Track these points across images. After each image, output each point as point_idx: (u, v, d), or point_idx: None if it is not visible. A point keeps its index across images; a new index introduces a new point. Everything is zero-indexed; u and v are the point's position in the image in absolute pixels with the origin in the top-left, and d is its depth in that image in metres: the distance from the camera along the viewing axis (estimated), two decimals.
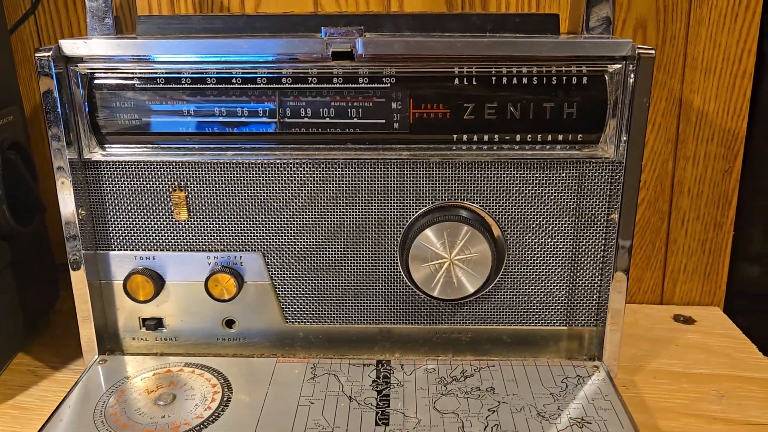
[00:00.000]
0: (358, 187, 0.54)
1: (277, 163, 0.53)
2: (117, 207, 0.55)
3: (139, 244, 0.56)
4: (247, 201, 0.54)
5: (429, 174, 0.53)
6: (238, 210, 0.55)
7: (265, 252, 0.56)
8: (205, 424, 0.48)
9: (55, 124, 0.52)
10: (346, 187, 0.54)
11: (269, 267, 0.56)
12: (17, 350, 0.64)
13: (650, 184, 0.71)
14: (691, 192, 0.71)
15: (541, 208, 0.54)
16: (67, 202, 0.53)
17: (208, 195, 0.54)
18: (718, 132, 0.69)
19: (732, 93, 0.68)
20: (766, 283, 0.74)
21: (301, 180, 0.54)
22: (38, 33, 0.72)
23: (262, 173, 0.54)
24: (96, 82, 0.52)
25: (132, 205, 0.55)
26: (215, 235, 0.55)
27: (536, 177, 0.53)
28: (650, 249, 0.74)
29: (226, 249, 0.56)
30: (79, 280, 0.55)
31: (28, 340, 0.65)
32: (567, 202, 0.54)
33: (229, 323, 0.58)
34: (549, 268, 0.56)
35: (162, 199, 0.55)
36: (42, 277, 0.68)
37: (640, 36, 0.67)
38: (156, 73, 0.51)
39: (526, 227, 0.55)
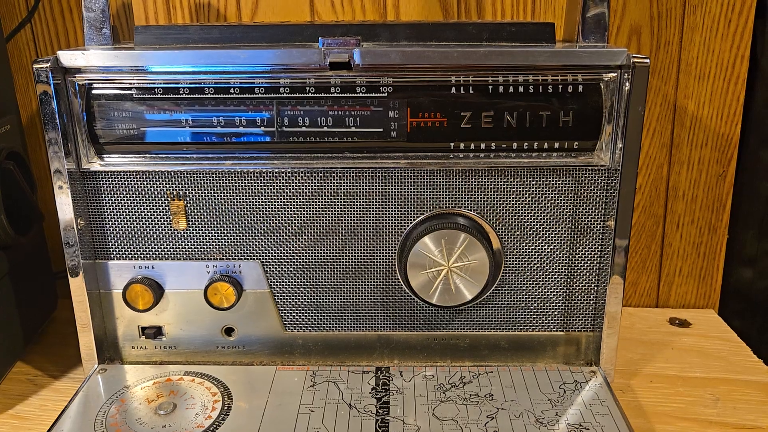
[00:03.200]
0: (356, 195, 0.54)
1: (276, 172, 0.54)
2: (116, 216, 0.55)
3: (138, 253, 0.56)
4: (245, 210, 0.55)
5: (426, 182, 0.54)
6: (236, 219, 0.55)
7: (264, 260, 0.56)
8: None
9: (54, 135, 0.52)
10: (344, 195, 0.54)
11: (268, 275, 0.56)
12: (16, 359, 0.64)
13: (645, 188, 0.72)
14: (685, 196, 0.72)
15: (537, 215, 0.54)
16: (65, 210, 0.53)
17: (207, 204, 0.55)
18: (712, 137, 0.70)
19: (726, 98, 0.69)
20: (759, 285, 0.75)
21: (299, 188, 0.54)
22: (35, 41, 0.72)
23: (261, 182, 0.54)
24: (94, 92, 0.52)
25: (131, 214, 0.55)
26: (214, 243, 0.56)
27: (533, 184, 0.54)
28: (646, 252, 0.74)
29: (224, 258, 0.56)
30: (77, 287, 0.55)
31: (26, 348, 0.65)
32: (563, 208, 0.54)
33: (229, 331, 0.58)
34: (546, 275, 0.56)
35: (161, 208, 0.55)
36: (40, 285, 0.68)
37: (634, 42, 0.68)
38: (154, 83, 0.51)
39: (523, 234, 0.55)
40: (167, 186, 0.54)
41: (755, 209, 0.73)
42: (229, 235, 0.55)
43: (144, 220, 0.55)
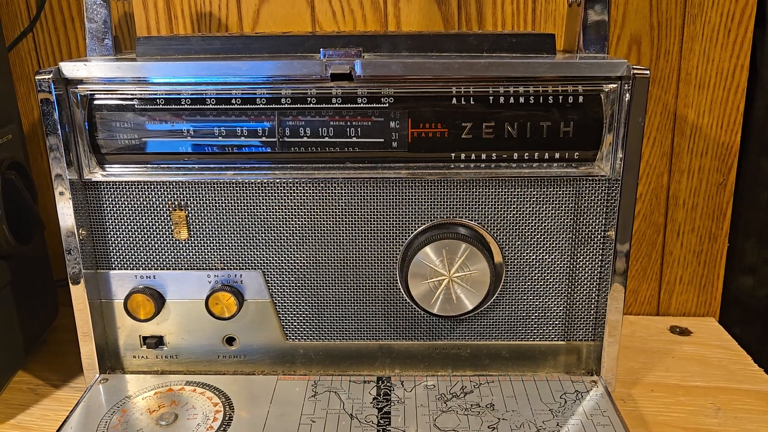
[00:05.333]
0: (358, 205, 0.54)
1: (277, 182, 0.54)
2: (117, 226, 0.55)
3: (140, 263, 0.56)
4: (247, 220, 0.55)
5: (428, 192, 0.54)
6: (238, 229, 0.55)
7: (265, 270, 0.56)
8: None
9: (55, 145, 0.52)
10: (345, 205, 0.54)
11: (269, 285, 0.56)
12: (17, 368, 0.64)
13: (646, 197, 0.72)
14: (686, 204, 0.72)
15: (538, 225, 0.55)
16: (66, 217, 0.53)
17: (209, 214, 0.55)
18: (713, 145, 0.70)
19: (725, 107, 0.69)
20: (760, 293, 0.75)
21: (300, 199, 0.54)
22: (36, 50, 0.72)
23: (262, 192, 0.54)
24: (96, 103, 0.52)
25: (132, 224, 0.55)
26: (215, 253, 0.56)
27: (534, 194, 0.54)
28: (646, 261, 0.74)
29: (226, 267, 0.56)
30: (78, 294, 0.55)
31: (28, 357, 0.65)
32: (564, 218, 0.54)
33: (230, 341, 0.58)
34: (547, 284, 0.56)
35: (162, 218, 0.55)
36: (41, 294, 0.68)
37: (634, 51, 0.68)
38: (156, 94, 0.52)
39: (524, 244, 0.55)
40: (169, 196, 0.54)
41: (755, 217, 0.73)
42: (230, 244, 0.55)
43: (145, 230, 0.55)
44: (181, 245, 0.56)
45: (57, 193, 0.53)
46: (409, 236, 0.55)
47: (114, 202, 0.55)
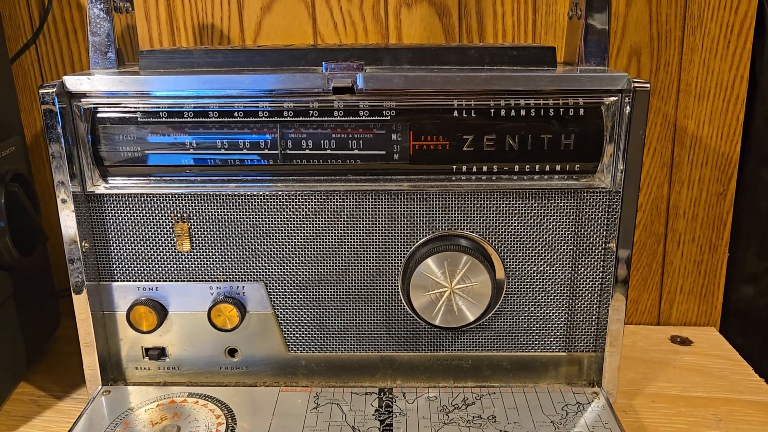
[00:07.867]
0: (360, 217, 0.54)
1: (279, 195, 0.54)
2: (120, 238, 0.55)
3: (142, 275, 0.56)
4: (249, 232, 0.55)
5: (429, 204, 0.54)
6: (240, 241, 0.55)
7: (268, 282, 0.56)
8: None
9: (58, 158, 0.52)
10: (347, 217, 0.54)
11: (271, 297, 0.57)
12: (19, 380, 0.64)
13: (646, 207, 0.72)
14: (686, 215, 0.72)
15: (540, 237, 0.55)
16: (68, 226, 0.54)
17: (211, 226, 0.55)
18: (713, 156, 0.70)
19: (725, 118, 0.69)
20: (760, 303, 0.75)
21: (302, 211, 0.54)
22: (39, 62, 0.72)
23: (264, 204, 0.54)
24: (99, 116, 0.52)
25: (135, 236, 0.55)
26: (218, 265, 0.56)
27: (535, 206, 0.54)
28: (647, 270, 0.75)
29: (228, 279, 0.56)
30: (81, 305, 0.56)
31: (30, 368, 0.65)
32: (565, 230, 0.55)
33: (232, 352, 0.58)
34: (548, 295, 0.56)
35: (165, 230, 0.55)
36: (43, 305, 0.68)
37: (634, 63, 0.68)
38: (158, 107, 0.52)
39: (526, 256, 0.55)
40: (171, 208, 0.55)
41: (756, 227, 0.73)
42: (232, 256, 0.56)
43: (148, 242, 0.55)
44: (183, 257, 0.56)
45: (59, 202, 0.53)
46: (410, 248, 0.55)
47: (117, 215, 0.55)
